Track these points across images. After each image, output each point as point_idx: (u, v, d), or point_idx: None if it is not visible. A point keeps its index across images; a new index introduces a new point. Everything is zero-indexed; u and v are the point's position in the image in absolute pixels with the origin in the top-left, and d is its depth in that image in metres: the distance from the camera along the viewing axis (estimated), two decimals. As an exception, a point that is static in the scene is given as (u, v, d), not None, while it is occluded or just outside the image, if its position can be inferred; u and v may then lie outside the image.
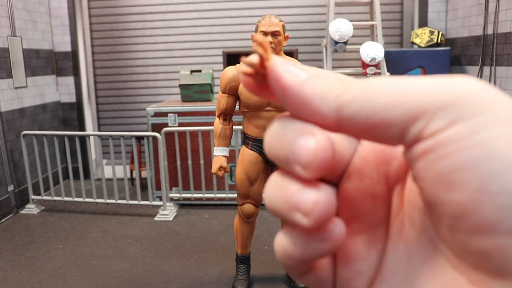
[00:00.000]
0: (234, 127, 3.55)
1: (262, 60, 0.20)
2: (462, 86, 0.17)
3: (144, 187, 4.57)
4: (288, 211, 0.19)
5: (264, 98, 0.22)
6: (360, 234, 0.22)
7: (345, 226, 0.20)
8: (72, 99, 5.01)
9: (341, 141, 0.21)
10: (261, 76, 0.20)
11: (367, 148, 0.22)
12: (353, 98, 0.18)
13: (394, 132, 0.18)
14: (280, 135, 0.20)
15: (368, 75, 3.85)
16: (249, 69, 0.20)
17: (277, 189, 0.20)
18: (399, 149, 0.21)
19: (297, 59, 4.18)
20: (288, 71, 0.19)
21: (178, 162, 3.90)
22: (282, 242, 0.21)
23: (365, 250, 0.22)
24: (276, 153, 0.20)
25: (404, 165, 0.21)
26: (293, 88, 0.19)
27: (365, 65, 3.86)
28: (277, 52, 2.27)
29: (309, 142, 0.19)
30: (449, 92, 0.17)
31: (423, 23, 4.63)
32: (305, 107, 0.19)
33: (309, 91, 0.19)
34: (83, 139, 4.80)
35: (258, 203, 2.50)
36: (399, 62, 4.11)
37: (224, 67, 4.13)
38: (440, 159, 0.17)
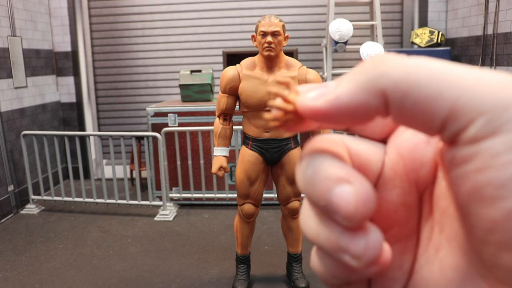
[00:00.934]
0: (234, 127, 3.55)
1: (286, 109, 0.19)
2: None
3: (144, 187, 4.57)
4: (335, 251, 0.19)
5: (308, 130, 0.21)
6: (395, 243, 0.21)
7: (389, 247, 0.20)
8: (72, 99, 5.02)
9: (368, 151, 0.21)
10: (292, 117, 0.20)
11: (395, 158, 0.21)
12: (399, 80, 0.17)
13: (436, 124, 0.17)
14: (314, 181, 0.19)
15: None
16: (277, 123, 0.20)
17: (317, 225, 0.19)
18: (427, 156, 0.21)
19: (297, 59, 4.18)
20: (317, 97, 0.19)
21: (178, 162, 3.90)
22: (323, 265, 0.20)
23: (399, 258, 0.21)
24: (313, 198, 0.19)
25: (432, 171, 0.21)
26: (331, 107, 0.18)
27: (365, 65, 3.85)
28: (277, 52, 2.27)
29: (348, 196, 0.18)
30: (497, 96, 0.16)
31: (423, 23, 4.63)
32: (354, 112, 0.18)
33: (346, 97, 0.18)
34: (83, 139, 4.80)
35: (258, 203, 2.50)
36: (399, 62, 4.11)
37: (224, 67, 4.13)
38: (477, 172, 0.16)
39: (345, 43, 3.83)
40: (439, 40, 4.24)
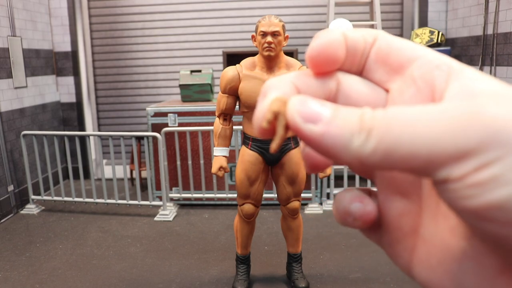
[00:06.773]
0: (234, 127, 3.55)
1: (277, 115, 0.20)
2: (480, 128, 0.16)
3: (144, 187, 4.57)
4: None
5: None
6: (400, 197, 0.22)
7: None
8: (72, 99, 5.01)
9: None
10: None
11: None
12: (373, 151, 0.18)
13: (418, 175, 0.18)
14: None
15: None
16: (266, 126, 0.20)
17: None
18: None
19: (297, 59, 4.18)
20: (306, 122, 0.19)
21: (178, 162, 3.90)
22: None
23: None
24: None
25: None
26: (313, 140, 0.19)
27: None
28: (277, 52, 2.27)
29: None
30: (468, 138, 0.16)
31: (423, 23, 4.63)
32: (329, 155, 0.19)
33: (329, 144, 0.18)
34: (83, 139, 4.80)
35: (258, 203, 2.50)
36: (399, 62, 4.11)
37: (224, 67, 4.13)
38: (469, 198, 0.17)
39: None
40: (439, 40, 4.24)
